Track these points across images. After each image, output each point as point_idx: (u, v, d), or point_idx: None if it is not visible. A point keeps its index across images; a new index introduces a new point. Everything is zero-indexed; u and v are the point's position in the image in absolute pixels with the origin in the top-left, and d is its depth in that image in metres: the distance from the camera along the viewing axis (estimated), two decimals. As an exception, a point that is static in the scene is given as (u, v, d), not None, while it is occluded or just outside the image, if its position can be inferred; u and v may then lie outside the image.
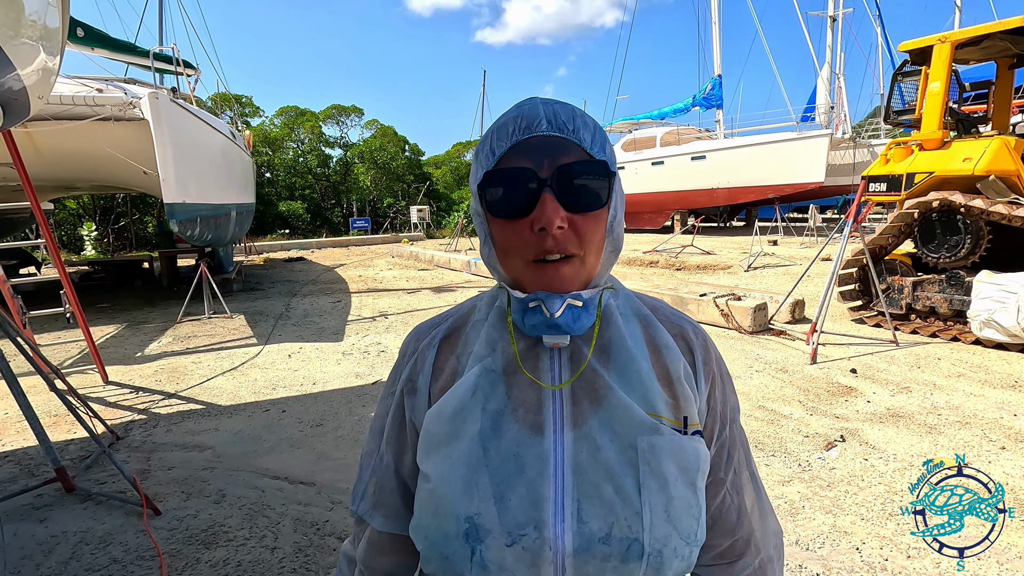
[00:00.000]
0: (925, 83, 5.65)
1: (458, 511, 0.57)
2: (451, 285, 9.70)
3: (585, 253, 0.59)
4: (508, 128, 0.59)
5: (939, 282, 5.26)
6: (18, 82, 2.09)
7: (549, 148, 0.58)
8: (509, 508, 0.56)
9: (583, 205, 0.57)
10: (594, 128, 0.61)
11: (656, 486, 0.57)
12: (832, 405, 3.70)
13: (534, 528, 0.55)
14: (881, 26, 19.31)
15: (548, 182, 0.56)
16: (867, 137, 18.18)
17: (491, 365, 0.63)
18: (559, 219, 0.55)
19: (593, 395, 0.60)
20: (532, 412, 0.60)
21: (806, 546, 2.22)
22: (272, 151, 27.88)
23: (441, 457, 0.60)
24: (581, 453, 0.58)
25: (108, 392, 4.32)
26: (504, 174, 0.58)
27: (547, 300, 0.58)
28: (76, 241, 19.10)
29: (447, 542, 0.57)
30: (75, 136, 5.78)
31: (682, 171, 17.64)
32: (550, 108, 0.59)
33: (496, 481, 0.57)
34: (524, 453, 0.58)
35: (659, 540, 0.56)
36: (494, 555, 0.56)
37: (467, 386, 0.62)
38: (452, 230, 18.93)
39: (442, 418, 0.62)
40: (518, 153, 0.58)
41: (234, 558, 2.19)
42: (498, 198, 0.58)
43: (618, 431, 0.58)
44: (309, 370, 4.81)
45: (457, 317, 0.71)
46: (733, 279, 9.07)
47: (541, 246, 0.57)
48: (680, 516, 0.58)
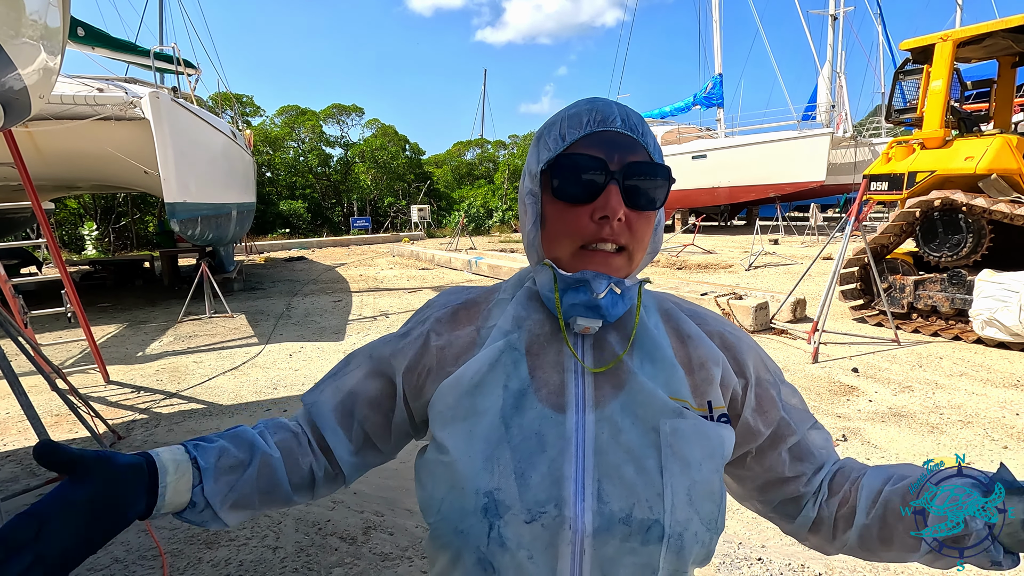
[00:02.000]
0: (927, 82, 5.64)
1: (477, 485, 0.57)
2: (451, 285, 9.71)
3: (634, 250, 0.61)
4: (582, 118, 0.61)
5: (941, 281, 5.25)
6: (19, 81, 2.09)
7: (620, 145, 0.60)
8: (530, 485, 0.56)
9: (642, 203, 0.60)
10: (655, 137, 0.64)
11: (678, 469, 0.57)
12: (834, 404, 3.69)
13: (554, 506, 0.56)
14: (882, 24, 19.29)
15: (616, 175, 0.59)
16: (868, 136, 18.17)
17: (515, 343, 0.64)
18: (621, 211, 0.58)
19: (616, 380, 0.62)
20: (555, 393, 0.61)
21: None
22: (273, 150, 27.87)
23: (461, 431, 0.60)
24: (603, 434, 0.58)
25: (109, 392, 4.33)
26: (576, 160, 0.60)
27: (594, 280, 0.59)
28: (77, 241, 19.11)
29: (463, 516, 0.57)
30: (76, 136, 5.78)
31: (683, 170, 17.62)
32: (623, 109, 0.62)
33: (518, 458, 0.58)
34: (546, 432, 0.59)
35: (680, 523, 0.56)
36: (513, 531, 0.55)
37: (488, 359, 0.63)
38: (453, 229, 18.94)
39: (460, 389, 0.62)
40: (590, 144, 0.60)
41: (236, 558, 2.19)
42: (564, 182, 0.60)
43: (640, 414, 0.59)
44: (310, 369, 4.81)
45: (480, 293, 0.74)
46: (734, 278, 9.06)
47: (598, 234, 0.59)
48: (702, 500, 0.58)
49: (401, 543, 2.29)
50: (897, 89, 6.15)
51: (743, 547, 2.23)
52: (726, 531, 2.32)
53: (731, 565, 2.11)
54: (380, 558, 2.19)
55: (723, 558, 2.15)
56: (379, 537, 2.33)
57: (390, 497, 2.65)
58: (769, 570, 2.08)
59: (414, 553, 2.23)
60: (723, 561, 2.13)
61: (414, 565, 2.15)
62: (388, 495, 2.68)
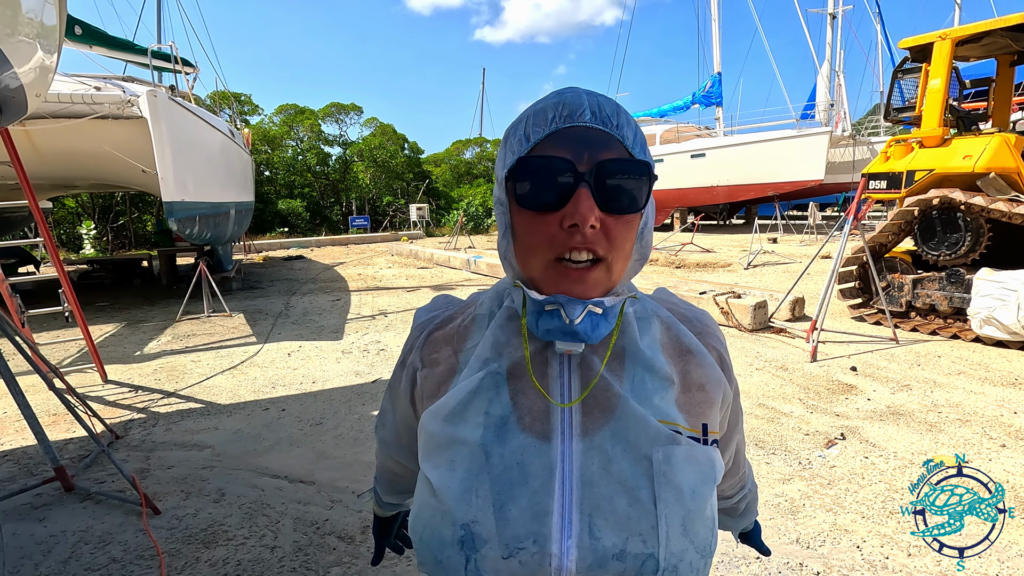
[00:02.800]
0: (925, 80, 5.64)
1: (455, 516, 0.54)
2: (450, 283, 9.70)
3: (613, 259, 0.55)
4: (547, 114, 0.54)
5: (939, 280, 5.26)
6: (15, 80, 2.08)
7: (590, 141, 0.53)
8: (508, 519, 0.53)
9: (619, 206, 0.54)
10: (636, 127, 0.56)
11: (673, 499, 0.54)
12: (832, 403, 3.70)
13: (533, 542, 0.52)
14: (881, 23, 19.29)
15: (586, 177, 0.52)
16: (867, 134, 18.18)
17: (497, 369, 0.60)
18: (593, 217, 0.52)
19: (605, 404, 0.57)
20: (539, 420, 0.57)
21: (807, 544, 2.21)
22: (271, 149, 27.81)
23: (442, 460, 0.58)
24: (592, 464, 0.55)
25: (107, 391, 4.32)
26: (538, 163, 0.53)
27: (567, 305, 0.54)
28: (75, 240, 19.05)
29: (442, 547, 0.55)
30: (73, 134, 5.76)
31: (682, 169, 17.62)
32: (594, 99, 0.55)
33: (497, 489, 0.54)
34: (529, 462, 0.55)
35: (675, 555, 0.53)
36: (490, 567, 0.53)
37: (469, 388, 0.59)
38: (451, 228, 18.92)
39: (440, 418, 0.60)
40: (556, 142, 0.53)
41: (234, 557, 2.19)
42: (528, 188, 0.54)
43: (632, 441, 0.55)
44: (308, 369, 4.81)
45: (456, 308, 0.70)
46: (733, 277, 9.06)
47: (568, 244, 0.53)
48: (697, 529, 0.55)
49: (400, 542, 2.29)
50: (896, 88, 6.15)
51: (742, 546, 2.23)
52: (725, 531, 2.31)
53: (729, 564, 2.11)
54: (379, 558, 2.19)
55: (722, 556, 2.14)
56: (378, 537, 2.32)
57: (389, 496, 2.64)
58: (767, 569, 2.09)
59: (412, 553, 2.22)
60: (722, 560, 2.13)
61: (412, 565, 2.14)
62: (387, 494, 2.67)
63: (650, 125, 20.35)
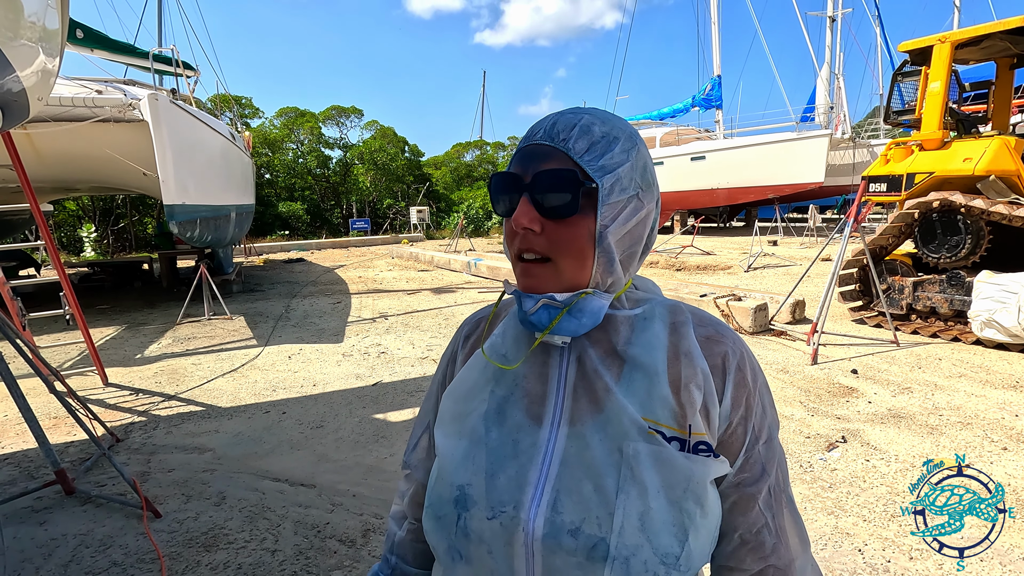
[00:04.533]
0: (925, 83, 5.65)
1: (453, 478, 0.63)
2: (451, 286, 9.70)
3: (556, 258, 0.61)
4: (526, 137, 0.64)
5: (940, 282, 5.26)
6: (17, 83, 2.09)
7: (537, 156, 0.61)
8: (496, 485, 0.61)
9: (551, 211, 0.60)
10: (600, 139, 0.60)
11: (635, 493, 0.57)
12: (833, 406, 3.69)
13: (513, 508, 0.59)
14: (880, 26, 19.32)
15: (526, 187, 0.60)
16: (867, 137, 18.20)
17: (507, 353, 0.69)
18: (527, 221, 0.59)
19: (592, 396, 0.62)
20: (536, 404, 0.64)
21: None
22: (272, 152, 27.86)
23: (451, 431, 0.67)
24: (571, 449, 0.61)
25: (108, 394, 4.32)
26: (498, 178, 0.63)
27: (523, 298, 0.63)
28: (76, 242, 19.08)
29: (441, 504, 0.63)
30: (74, 138, 5.77)
31: (682, 171, 17.63)
32: (556, 118, 0.62)
33: (491, 459, 0.63)
34: (521, 440, 0.63)
35: (628, 547, 0.56)
36: (476, 525, 0.60)
37: (479, 367, 0.69)
38: (452, 231, 18.93)
39: (455, 396, 0.69)
40: (517, 160, 0.63)
41: (234, 561, 2.18)
42: (495, 199, 0.64)
43: (609, 433, 0.60)
44: (309, 371, 4.81)
45: (488, 310, 0.79)
46: (733, 279, 9.07)
47: (518, 244, 0.62)
48: (657, 530, 0.56)
49: (400, 545, 2.28)
50: (895, 91, 6.15)
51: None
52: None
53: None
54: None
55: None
56: (378, 540, 2.32)
57: (390, 499, 2.64)
58: (769, 572, 2.08)
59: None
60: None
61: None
62: (387, 497, 2.67)
63: (650, 128, 20.36)
